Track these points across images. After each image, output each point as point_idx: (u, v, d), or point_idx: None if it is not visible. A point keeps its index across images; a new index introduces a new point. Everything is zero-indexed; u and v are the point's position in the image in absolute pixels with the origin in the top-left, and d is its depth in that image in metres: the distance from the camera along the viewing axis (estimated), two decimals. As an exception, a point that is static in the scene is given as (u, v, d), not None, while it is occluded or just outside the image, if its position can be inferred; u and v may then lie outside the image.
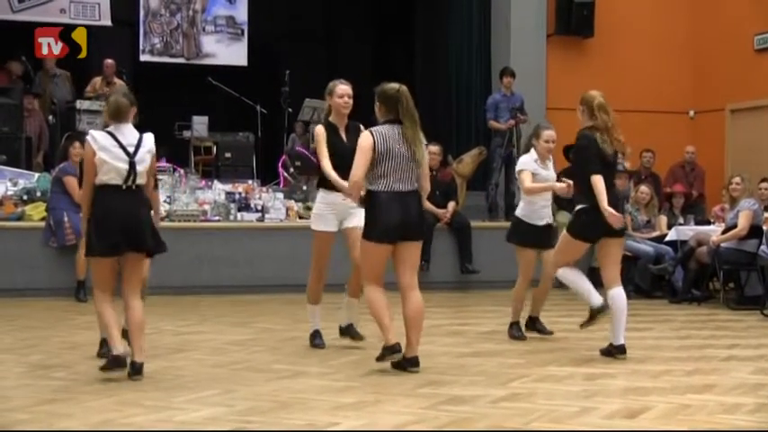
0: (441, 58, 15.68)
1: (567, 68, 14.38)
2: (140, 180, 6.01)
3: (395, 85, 6.34)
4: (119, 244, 5.93)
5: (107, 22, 14.23)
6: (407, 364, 6.25)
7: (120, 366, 5.85)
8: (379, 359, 6.27)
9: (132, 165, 5.93)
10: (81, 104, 12.61)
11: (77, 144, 9.58)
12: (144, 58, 14.77)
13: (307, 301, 7.31)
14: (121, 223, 5.91)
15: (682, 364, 6.74)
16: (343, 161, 6.64)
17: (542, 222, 7.78)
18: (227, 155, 13.59)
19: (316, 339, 7.30)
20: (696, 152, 13.70)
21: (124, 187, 5.94)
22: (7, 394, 5.53)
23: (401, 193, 6.25)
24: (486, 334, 8.09)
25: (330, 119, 7.09)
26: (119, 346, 5.90)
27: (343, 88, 7.06)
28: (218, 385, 5.78)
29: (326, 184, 6.95)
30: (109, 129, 6.04)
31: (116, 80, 13.26)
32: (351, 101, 7.09)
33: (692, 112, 15.19)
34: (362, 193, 6.33)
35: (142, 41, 14.74)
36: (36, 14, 13.71)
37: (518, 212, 7.88)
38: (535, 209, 7.74)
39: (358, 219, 6.68)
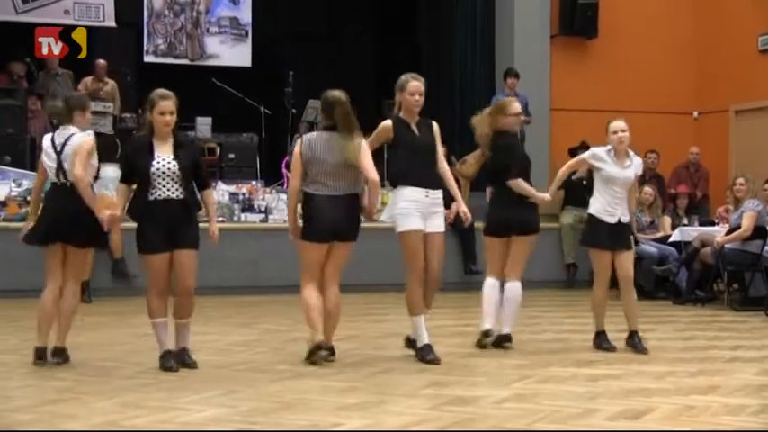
0: (444, 58, 15.67)
1: (570, 69, 14.37)
2: (71, 177, 6.30)
3: (335, 94, 6.54)
4: (49, 235, 6.33)
5: (111, 23, 14.24)
6: (318, 348, 6.43)
7: (41, 359, 6.28)
8: (308, 358, 6.47)
9: (59, 162, 6.32)
10: (85, 106, 12.59)
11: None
12: (148, 59, 14.77)
13: (409, 314, 6.74)
14: (52, 217, 6.35)
15: (686, 366, 6.73)
16: (415, 155, 6.72)
17: (613, 220, 7.21)
18: (231, 156, 13.61)
19: (429, 354, 6.61)
20: (700, 153, 13.70)
21: (59, 184, 6.37)
22: (11, 394, 5.54)
23: (332, 197, 6.46)
24: (490, 335, 8.07)
25: (401, 115, 6.82)
26: (44, 338, 6.35)
27: (415, 85, 6.73)
28: (222, 386, 5.79)
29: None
30: (56, 131, 6.47)
31: (107, 80, 13.28)
32: (422, 98, 6.75)
33: (696, 113, 15.16)
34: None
35: (146, 42, 14.75)
36: (40, 15, 13.70)
37: (590, 210, 7.37)
38: (603, 204, 7.23)
39: (439, 222, 6.83)
